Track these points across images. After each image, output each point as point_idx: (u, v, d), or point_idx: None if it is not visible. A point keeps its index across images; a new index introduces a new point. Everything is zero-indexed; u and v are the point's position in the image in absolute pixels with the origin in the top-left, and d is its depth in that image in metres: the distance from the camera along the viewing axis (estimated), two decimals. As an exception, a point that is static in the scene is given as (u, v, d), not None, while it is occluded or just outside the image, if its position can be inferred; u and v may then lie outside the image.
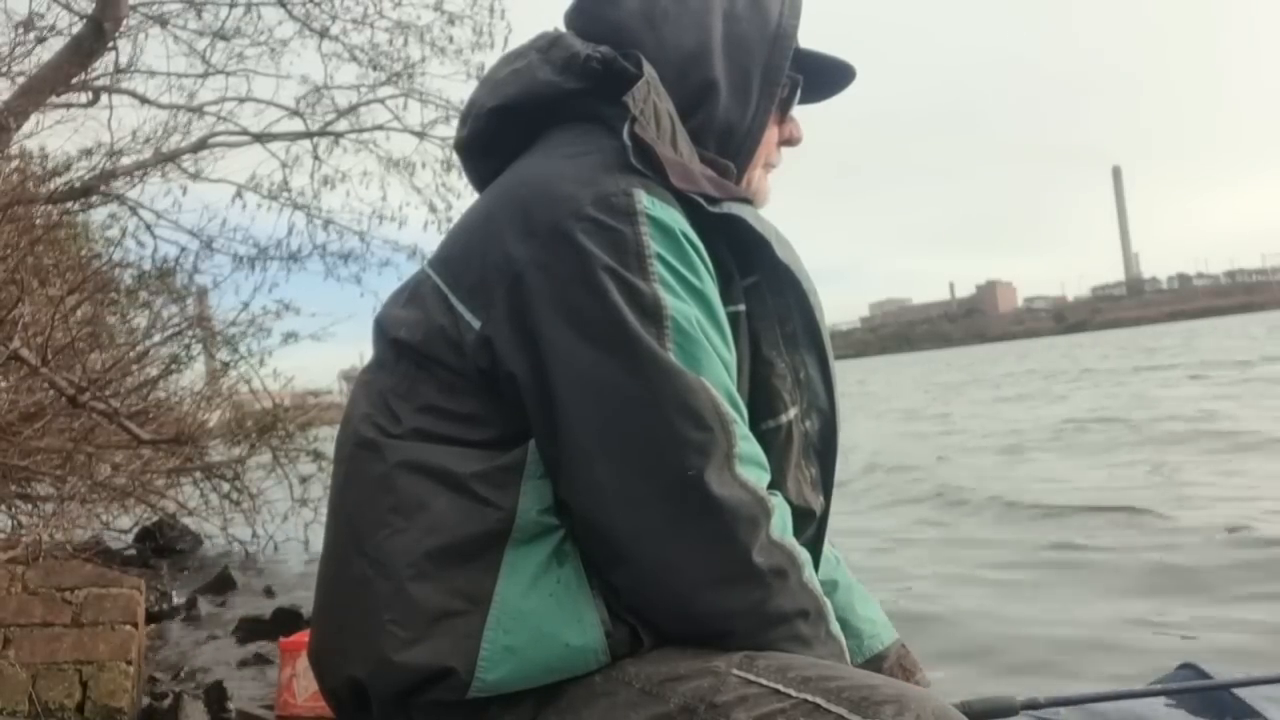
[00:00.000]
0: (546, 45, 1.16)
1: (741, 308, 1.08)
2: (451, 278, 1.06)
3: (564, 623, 0.95)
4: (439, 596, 0.96)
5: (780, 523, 0.99)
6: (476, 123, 1.19)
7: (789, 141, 1.29)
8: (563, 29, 1.21)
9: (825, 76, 1.30)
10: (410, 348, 1.06)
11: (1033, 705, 1.38)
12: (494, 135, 1.18)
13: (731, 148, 1.19)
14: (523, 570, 0.97)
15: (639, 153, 1.04)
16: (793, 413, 1.10)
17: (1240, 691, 1.51)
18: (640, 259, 0.98)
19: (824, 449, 1.15)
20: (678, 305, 0.98)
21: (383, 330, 1.12)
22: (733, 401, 0.99)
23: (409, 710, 0.98)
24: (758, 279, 1.10)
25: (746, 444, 0.98)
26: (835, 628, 1.04)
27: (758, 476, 0.99)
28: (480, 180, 1.22)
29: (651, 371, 0.95)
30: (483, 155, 1.22)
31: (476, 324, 1.01)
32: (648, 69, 1.10)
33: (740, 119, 1.19)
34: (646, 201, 1.00)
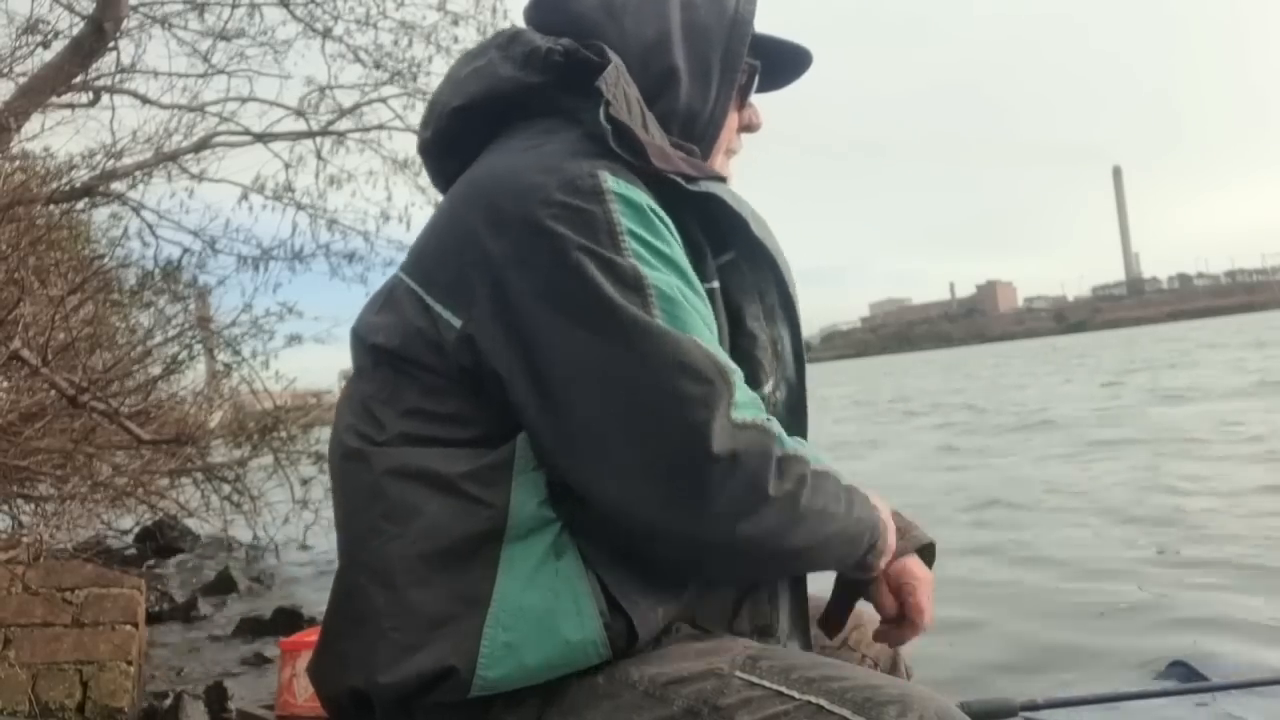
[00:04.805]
0: (506, 42, 1.17)
1: (715, 284, 1.09)
2: (425, 278, 1.06)
3: (562, 616, 0.95)
4: (439, 602, 0.96)
5: (784, 436, 0.99)
6: (439, 122, 1.20)
7: (748, 128, 1.30)
8: (522, 26, 1.21)
9: (783, 62, 1.31)
10: (388, 353, 1.06)
11: (1032, 706, 1.39)
12: (457, 135, 1.19)
13: (695, 134, 1.20)
14: (521, 565, 0.97)
15: (618, 135, 1.04)
16: (769, 385, 1.11)
17: (1232, 692, 1.53)
18: (613, 235, 0.98)
19: (792, 419, 1.14)
20: (656, 275, 0.98)
21: (360, 338, 1.12)
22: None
23: (412, 713, 0.98)
24: (734, 255, 1.11)
25: (743, 392, 0.98)
26: (837, 471, 1.05)
27: (755, 414, 0.98)
28: (445, 180, 1.21)
29: (642, 339, 0.95)
30: (445, 155, 1.22)
31: (457, 323, 1.01)
32: (614, 56, 1.11)
33: (702, 106, 1.20)
34: (612, 181, 1.01)
